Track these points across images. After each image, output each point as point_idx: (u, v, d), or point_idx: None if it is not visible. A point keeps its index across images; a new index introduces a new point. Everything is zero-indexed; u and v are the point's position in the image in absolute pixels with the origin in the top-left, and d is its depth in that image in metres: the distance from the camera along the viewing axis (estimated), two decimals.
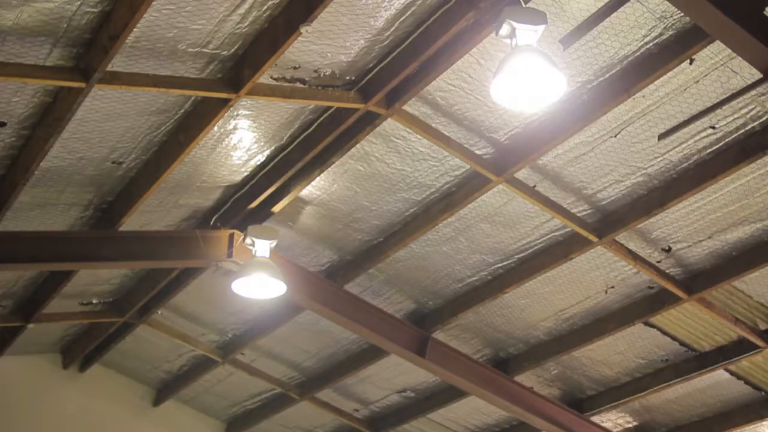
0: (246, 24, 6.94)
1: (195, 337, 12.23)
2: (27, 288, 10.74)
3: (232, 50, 7.25)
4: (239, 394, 13.65)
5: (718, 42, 6.74)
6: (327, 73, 7.67)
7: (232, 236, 9.51)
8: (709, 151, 7.97)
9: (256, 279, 9.26)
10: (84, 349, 12.83)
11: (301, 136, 8.42)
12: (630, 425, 12.23)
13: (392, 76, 7.55)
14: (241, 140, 8.47)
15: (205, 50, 7.19)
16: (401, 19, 7.10)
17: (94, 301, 11.41)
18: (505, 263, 9.88)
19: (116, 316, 11.64)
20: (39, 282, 10.70)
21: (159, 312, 11.64)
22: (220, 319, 11.81)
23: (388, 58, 7.52)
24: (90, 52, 6.82)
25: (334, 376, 12.38)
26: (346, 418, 13.39)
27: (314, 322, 11.36)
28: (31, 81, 6.94)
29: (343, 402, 13.15)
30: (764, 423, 11.41)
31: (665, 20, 6.89)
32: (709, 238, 8.99)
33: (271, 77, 7.54)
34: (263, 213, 9.35)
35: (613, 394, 11.55)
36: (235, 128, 8.26)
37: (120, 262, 9.85)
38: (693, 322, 10.12)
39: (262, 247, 9.29)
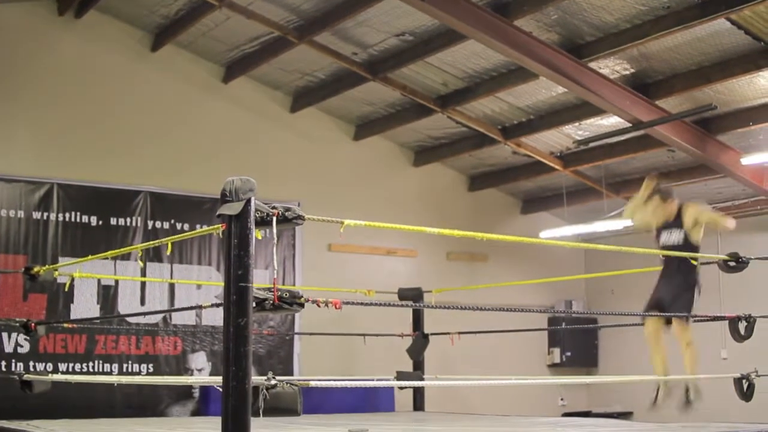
0: None
1: None
2: None
3: None
4: (237, 38, 13.60)
5: None
6: None
7: None
8: None
9: None
10: None
11: None
12: (627, 72, 12.29)
13: None
14: None
15: None
16: None
17: None
18: None
19: None
20: None
21: None
22: None
23: None
24: None
25: (332, 19, 12.24)
26: (345, 61, 13.39)
27: None
28: None
29: (341, 45, 13.10)
30: (761, 73, 11.48)
31: None
32: None
33: None
34: None
35: (612, 40, 11.47)
36: None
37: None
38: None
39: None
